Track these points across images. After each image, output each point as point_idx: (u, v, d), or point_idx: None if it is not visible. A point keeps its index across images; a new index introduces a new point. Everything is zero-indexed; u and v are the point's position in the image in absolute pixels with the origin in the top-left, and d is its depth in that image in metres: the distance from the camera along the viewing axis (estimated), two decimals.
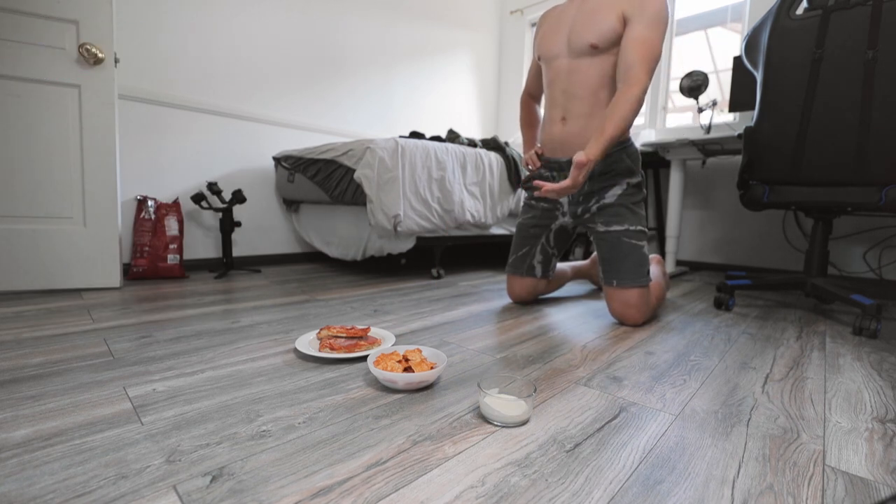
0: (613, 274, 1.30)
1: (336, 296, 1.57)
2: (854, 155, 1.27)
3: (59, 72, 1.45)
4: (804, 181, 1.39)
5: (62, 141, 1.48)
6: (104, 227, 1.55)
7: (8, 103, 1.40)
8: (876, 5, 1.19)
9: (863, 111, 1.24)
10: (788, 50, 1.35)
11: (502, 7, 3.54)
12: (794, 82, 1.35)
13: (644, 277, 1.28)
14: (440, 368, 0.79)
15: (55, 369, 0.83)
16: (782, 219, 2.30)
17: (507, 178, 2.21)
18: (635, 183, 1.34)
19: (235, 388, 0.77)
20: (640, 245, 1.30)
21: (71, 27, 1.45)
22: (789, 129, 1.38)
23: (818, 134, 1.32)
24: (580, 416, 0.70)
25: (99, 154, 1.53)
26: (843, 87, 1.26)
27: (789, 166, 1.40)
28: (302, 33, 2.35)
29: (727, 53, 2.54)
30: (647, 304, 1.28)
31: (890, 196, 1.23)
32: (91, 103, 1.50)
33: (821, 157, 1.33)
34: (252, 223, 2.26)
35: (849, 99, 1.26)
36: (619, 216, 1.31)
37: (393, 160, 1.74)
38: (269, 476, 0.52)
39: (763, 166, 1.46)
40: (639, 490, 0.52)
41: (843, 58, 1.26)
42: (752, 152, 1.47)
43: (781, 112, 1.39)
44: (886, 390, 0.85)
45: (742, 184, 1.53)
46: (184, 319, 1.20)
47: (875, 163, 1.24)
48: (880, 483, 0.55)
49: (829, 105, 1.29)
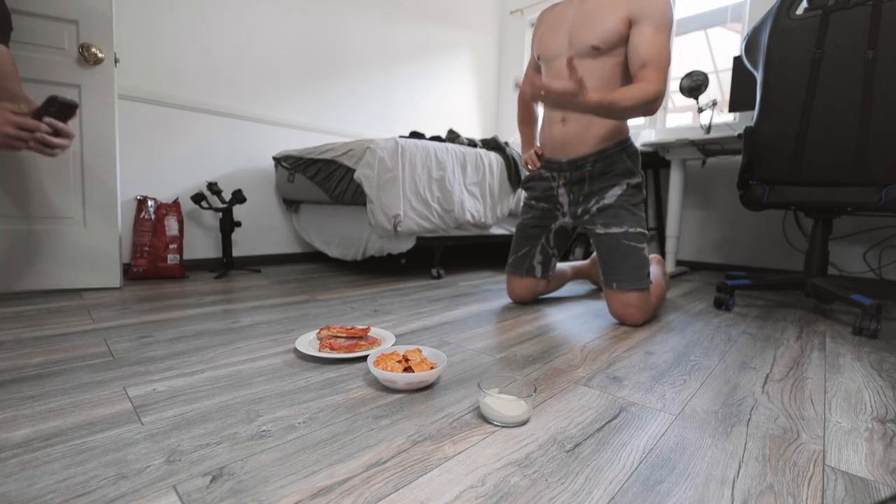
0: (613, 276, 1.29)
1: (336, 296, 1.57)
2: (854, 155, 1.27)
3: (59, 71, 1.44)
4: (804, 181, 1.38)
5: None
6: (104, 227, 1.55)
7: None
8: (876, 5, 1.19)
9: (863, 111, 1.24)
10: (788, 50, 1.35)
11: (502, 7, 3.54)
12: (794, 82, 1.35)
13: (644, 280, 1.27)
14: (440, 368, 0.79)
15: (55, 369, 0.83)
16: (782, 219, 2.30)
17: (507, 178, 2.21)
18: (635, 183, 1.33)
19: (235, 388, 0.77)
20: (640, 247, 1.29)
21: (71, 27, 1.44)
22: (789, 129, 1.37)
23: (818, 134, 1.32)
24: (580, 416, 0.70)
25: (99, 154, 1.52)
26: (843, 87, 1.26)
27: (789, 166, 1.39)
28: (302, 33, 2.35)
29: (727, 53, 2.54)
30: (648, 304, 1.28)
31: (890, 196, 1.23)
32: (91, 103, 1.50)
33: (821, 157, 1.33)
34: (252, 223, 2.26)
35: (849, 99, 1.26)
36: (619, 218, 1.30)
37: (393, 160, 1.74)
38: (269, 476, 0.52)
39: (763, 166, 1.46)
40: (639, 490, 0.52)
41: (843, 58, 1.25)
42: (752, 152, 1.47)
43: (781, 112, 1.39)
44: (886, 390, 0.85)
45: (742, 184, 1.53)
46: (184, 319, 1.20)
47: (875, 163, 1.24)
48: (880, 483, 0.55)
49: (829, 105, 1.29)
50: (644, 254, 1.30)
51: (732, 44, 2.52)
